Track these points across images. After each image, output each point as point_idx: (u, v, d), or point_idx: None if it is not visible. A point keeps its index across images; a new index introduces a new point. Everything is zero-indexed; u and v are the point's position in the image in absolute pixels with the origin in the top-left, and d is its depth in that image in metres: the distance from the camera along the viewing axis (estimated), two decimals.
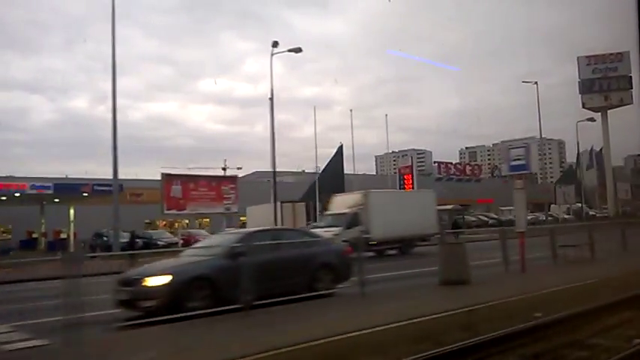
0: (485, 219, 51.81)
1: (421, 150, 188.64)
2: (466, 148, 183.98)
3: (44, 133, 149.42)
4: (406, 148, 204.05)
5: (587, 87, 62.63)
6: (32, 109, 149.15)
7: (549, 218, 50.05)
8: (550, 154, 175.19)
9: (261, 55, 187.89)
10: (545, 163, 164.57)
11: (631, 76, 61.83)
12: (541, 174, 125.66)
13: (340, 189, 71.84)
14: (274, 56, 28.61)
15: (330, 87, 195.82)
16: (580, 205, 58.22)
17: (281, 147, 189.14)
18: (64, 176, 48.47)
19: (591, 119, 43.61)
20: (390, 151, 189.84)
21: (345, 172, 57.48)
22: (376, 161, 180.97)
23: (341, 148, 74.54)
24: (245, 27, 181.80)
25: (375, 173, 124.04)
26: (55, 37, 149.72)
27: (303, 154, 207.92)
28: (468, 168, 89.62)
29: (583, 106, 63.24)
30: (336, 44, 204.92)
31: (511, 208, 56.44)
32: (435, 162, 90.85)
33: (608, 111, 63.86)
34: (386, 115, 56.38)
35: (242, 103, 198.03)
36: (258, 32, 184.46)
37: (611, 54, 62.32)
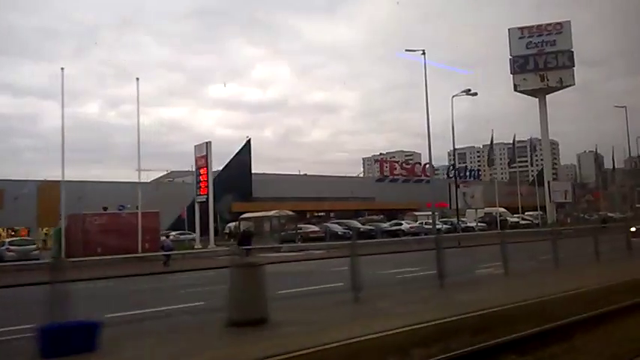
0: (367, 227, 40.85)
1: (409, 152, 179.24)
2: (455, 149, 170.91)
3: (54, 138, 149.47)
4: (393, 150, 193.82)
5: (519, 65, 51.04)
6: (43, 115, 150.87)
7: (444, 226, 38.94)
8: (541, 154, 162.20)
9: (269, 60, 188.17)
10: (537, 165, 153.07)
11: (573, 52, 50.27)
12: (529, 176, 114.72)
13: (246, 191, 62.46)
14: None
15: (339, 92, 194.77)
16: (503, 209, 47.10)
17: (289, 151, 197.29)
18: None
19: (469, 92, 32.26)
20: (379, 153, 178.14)
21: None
22: (364, 163, 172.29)
23: (248, 143, 64.50)
24: (254, 33, 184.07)
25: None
26: (67, 44, 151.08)
27: (311, 159, 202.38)
28: (417, 167, 78.12)
29: (515, 89, 51.74)
30: (345, 50, 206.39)
31: (428, 213, 45.91)
32: (375, 160, 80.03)
33: (547, 96, 52.20)
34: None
35: (251, 108, 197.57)
36: (267, 38, 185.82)
37: (549, 24, 50.83)
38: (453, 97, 33.74)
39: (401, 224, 39.54)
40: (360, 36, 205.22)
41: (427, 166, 73.47)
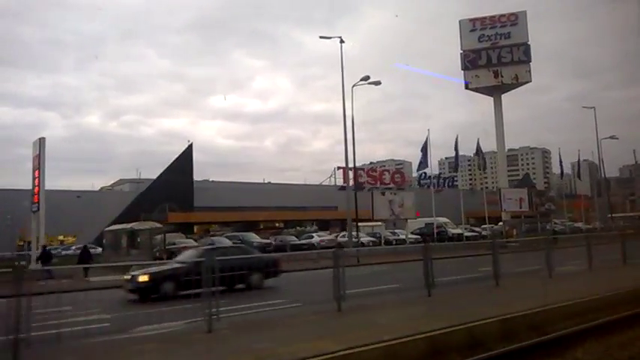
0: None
1: (400, 160, 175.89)
2: (446, 158, 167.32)
3: (56, 148, 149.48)
4: (384, 159, 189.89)
5: (471, 61, 46.26)
6: (45, 125, 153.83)
7: (368, 239, 34.15)
8: (533, 163, 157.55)
9: (270, 72, 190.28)
10: (529, 173, 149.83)
11: (529, 44, 45.46)
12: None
13: (186, 200, 57.78)
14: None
15: (339, 102, 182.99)
16: (446, 220, 42.31)
17: (290, 161, 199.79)
18: None
19: (369, 80, 27.73)
20: (369, 162, 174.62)
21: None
22: (334, 172, 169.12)
23: (190, 148, 59.98)
24: (255, 45, 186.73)
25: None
26: (70, 56, 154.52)
27: (312, 168, 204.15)
28: (386, 175, 72.85)
29: (466, 87, 46.90)
30: (344, 61, 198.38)
31: (375, 224, 41.12)
32: (337, 167, 75.15)
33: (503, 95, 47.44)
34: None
35: (251, 119, 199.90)
36: (268, 50, 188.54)
37: (503, 15, 46.06)
38: (353, 86, 29.39)
39: (312, 237, 34.75)
40: (359, 47, 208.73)
41: (396, 175, 68.85)
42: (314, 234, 35.21)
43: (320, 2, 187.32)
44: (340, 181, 67.60)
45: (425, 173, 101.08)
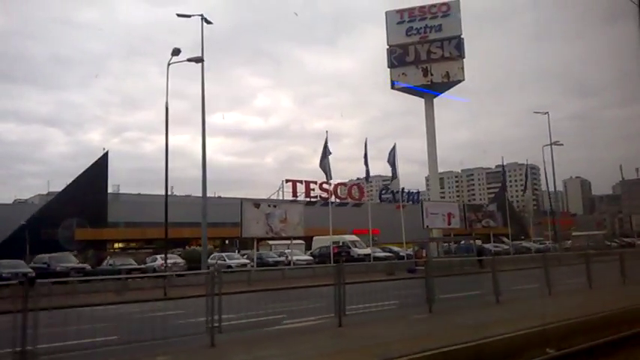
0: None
1: (387, 177, 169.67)
2: None
3: (58, 164, 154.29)
4: (371, 175, 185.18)
5: (397, 57, 40.70)
6: (48, 142, 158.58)
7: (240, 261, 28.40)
8: (521, 179, 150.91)
9: (272, 90, 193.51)
10: (517, 190, 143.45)
11: (462, 38, 39.86)
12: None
13: (99, 214, 52.17)
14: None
15: (340, 120, 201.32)
16: (354, 238, 36.48)
17: (291, 177, 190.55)
18: None
19: (178, 53, 22.08)
20: (356, 178, 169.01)
21: None
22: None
23: (105, 157, 54.44)
24: (258, 64, 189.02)
25: None
26: (74, 73, 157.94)
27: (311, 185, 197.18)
28: (341, 189, 66.97)
29: (393, 87, 41.23)
30: (345, 79, 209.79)
31: (280, 242, 35.38)
32: (286, 180, 69.42)
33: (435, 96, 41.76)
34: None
35: (252, 136, 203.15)
36: (270, 69, 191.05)
37: (433, 5, 40.51)
38: (169, 65, 23.73)
39: (156, 259, 28.86)
40: (360, 66, 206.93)
41: (356, 187, 63.17)
42: (158, 256, 29.27)
43: (322, 21, 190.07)
44: (288, 195, 62.21)
45: (387, 188, 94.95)
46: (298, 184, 57.03)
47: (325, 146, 33.16)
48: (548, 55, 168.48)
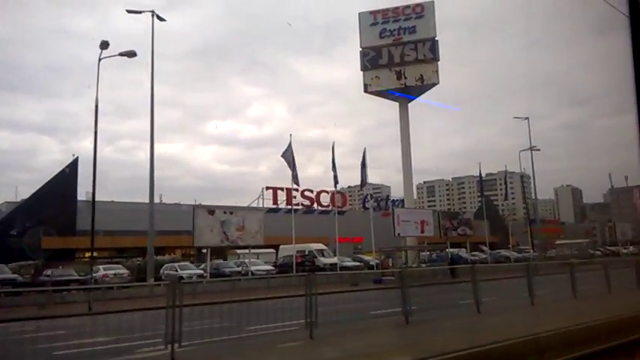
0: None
1: (377, 185, 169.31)
2: (424, 182, 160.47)
3: (50, 172, 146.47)
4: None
5: (370, 60, 39.38)
6: (41, 150, 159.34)
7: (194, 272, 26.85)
8: (512, 188, 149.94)
9: (266, 99, 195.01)
10: (507, 199, 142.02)
11: (436, 40, 38.61)
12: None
13: (67, 222, 50.47)
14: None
15: (334, 129, 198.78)
16: (322, 246, 35.04)
17: (286, 185, 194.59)
18: None
19: (106, 46, 20.39)
20: (347, 187, 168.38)
21: None
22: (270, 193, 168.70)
23: (74, 163, 52.83)
24: (253, 73, 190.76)
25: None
26: (69, 82, 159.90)
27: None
28: (322, 196, 65.32)
29: (366, 91, 39.89)
30: (340, 89, 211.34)
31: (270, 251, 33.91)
32: (266, 187, 67.83)
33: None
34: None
35: (247, 145, 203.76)
36: (265, 78, 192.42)
37: (407, 6, 39.25)
38: (100, 60, 22.39)
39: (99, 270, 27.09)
40: (355, 75, 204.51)
41: (337, 195, 61.33)
42: (101, 267, 27.54)
43: (316, 32, 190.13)
44: (269, 203, 60.58)
45: (371, 195, 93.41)
46: (279, 191, 55.44)
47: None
48: (540, 65, 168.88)
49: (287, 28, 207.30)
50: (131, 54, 22.74)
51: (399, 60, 38.55)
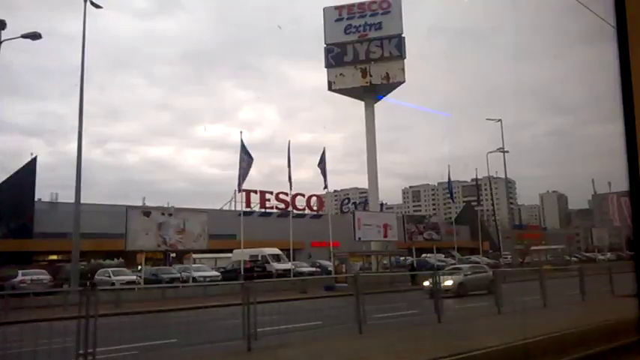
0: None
1: (364, 189, 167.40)
2: (410, 187, 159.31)
3: (38, 175, 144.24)
4: (348, 188, 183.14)
5: (335, 57, 37.82)
6: (29, 152, 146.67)
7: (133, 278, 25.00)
8: (497, 193, 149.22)
9: (257, 103, 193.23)
10: (493, 204, 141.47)
11: (403, 37, 37.11)
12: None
13: (24, 225, 48.37)
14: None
15: (323, 134, 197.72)
16: (276, 251, 33.36)
17: (275, 189, 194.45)
18: None
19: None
20: (333, 191, 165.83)
21: None
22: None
23: (33, 162, 50.79)
24: (243, 77, 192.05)
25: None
26: (56, 83, 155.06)
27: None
28: (299, 200, 63.23)
29: (330, 88, 38.30)
30: (331, 93, 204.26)
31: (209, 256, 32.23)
32: (242, 190, 66.15)
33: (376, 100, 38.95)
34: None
35: (237, 148, 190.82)
36: (255, 82, 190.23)
37: (373, 1, 37.70)
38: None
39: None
40: None
41: (313, 198, 59.41)
42: (20, 272, 25.66)
43: (306, 37, 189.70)
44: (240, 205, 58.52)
45: (348, 199, 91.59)
46: (252, 194, 53.53)
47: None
48: (528, 74, 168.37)
49: (277, 33, 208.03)
50: (35, 35, 20.97)
51: (364, 57, 37.04)
